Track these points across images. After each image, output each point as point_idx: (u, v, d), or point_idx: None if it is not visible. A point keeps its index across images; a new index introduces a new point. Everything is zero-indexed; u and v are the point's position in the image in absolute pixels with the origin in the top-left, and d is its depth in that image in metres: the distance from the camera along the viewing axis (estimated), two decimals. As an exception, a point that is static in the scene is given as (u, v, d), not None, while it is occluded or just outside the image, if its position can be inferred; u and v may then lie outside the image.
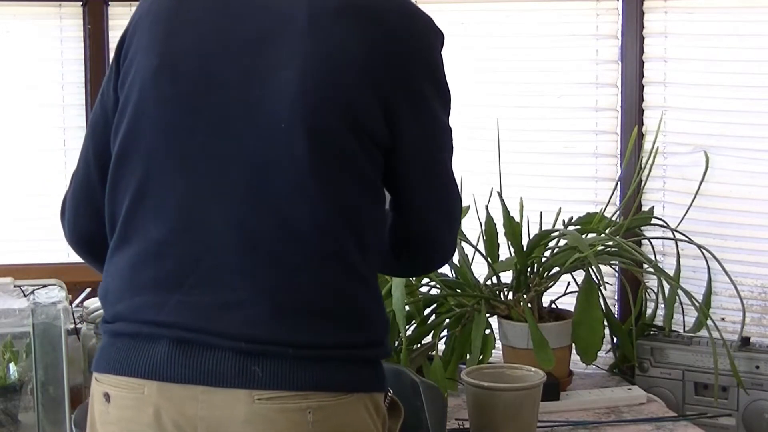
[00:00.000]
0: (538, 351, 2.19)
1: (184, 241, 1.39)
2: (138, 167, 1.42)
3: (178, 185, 1.40)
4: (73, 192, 1.56)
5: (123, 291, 1.43)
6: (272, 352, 1.35)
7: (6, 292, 2.08)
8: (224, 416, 1.35)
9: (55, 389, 2.01)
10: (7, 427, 2.03)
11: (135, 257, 1.42)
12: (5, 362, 2.03)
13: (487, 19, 2.75)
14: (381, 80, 1.39)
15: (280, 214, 1.37)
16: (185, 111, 1.41)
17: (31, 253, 2.86)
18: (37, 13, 2.87)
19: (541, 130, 2.74)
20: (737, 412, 2.31)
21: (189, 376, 1.36)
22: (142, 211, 1.42)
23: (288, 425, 1.34)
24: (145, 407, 1.37)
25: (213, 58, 1.41)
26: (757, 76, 2.50)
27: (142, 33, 1.46)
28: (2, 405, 2.02)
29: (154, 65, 1.42)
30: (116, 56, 1.50)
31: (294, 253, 1.37)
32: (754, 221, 2.52)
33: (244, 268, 1.37)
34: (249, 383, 1.34)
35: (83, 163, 1.54)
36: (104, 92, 1.51)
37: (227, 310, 1.37)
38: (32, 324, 1.98)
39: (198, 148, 1.40)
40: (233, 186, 1.38)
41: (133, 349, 1.39)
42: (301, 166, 1.36)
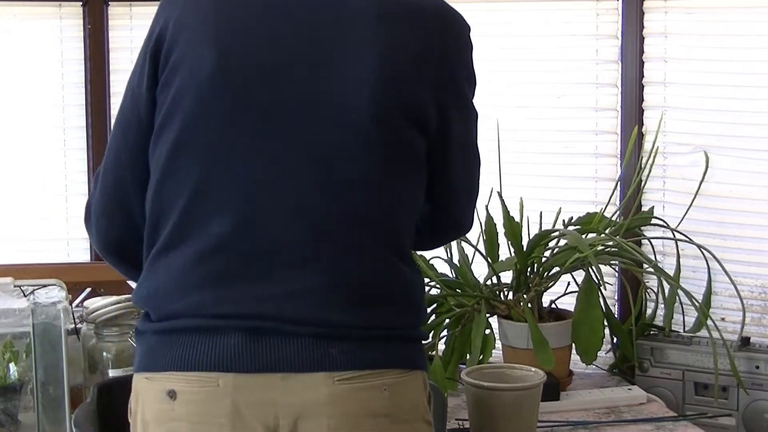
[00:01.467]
0: (538, 351, 2.19)
1: (249, 234, 1.40)
2: (195, 165, 1.42)
3: (242, 179, 1.41)
4: (102, 195, 1.53)
5: (180, 289, 1.41)
6: (346, 334, 1.40)
7: (6, 292, 2.08)
8: (305, 400, 1.37)
9: (55, 389, 2.00)
10: (7, 427, 2.03)
11: (194, 254, 1.41)
12: (5, 362, 2.03)
13: (487, 19, 2.75)
14: (434, 76, 1.46)
15: (348, 202, 1.42)
16: (247, 106, 1.42)
17: (31, 253, 2.86)
18: (37, 13, 2.87)
19: (541, 130, 2.74)
20: (737, 412, 2.31)
21: (266, 365, 1.37)
22: (202, 209, 1.41)
23: (367, 403, 1.40)
24: (220, 400, 1.37)
25: (275, 52, 1.42)
26: (757, 76, 2.50)
27: (189, 32, 1.43)
28: (2, 405, 2.02)
29: (211, 62, 1.41)
30: (152, 57, 1.46)
31: (361, 239, 1.43)
32: (754, 221, 2.52)
33: (312, 255, 1.41)
34: (328, 366, 1.38)
35: (112, 166, 1.51)
36: (135, 95, 1.49)
37: (298, 298, 1.39)
38: (32, 324, 1.98)
39: (262, 141, 1.41)
40: (300, 176, 1.41)
41: (200, 343, 1.39)
42: (370, 156, 1.42)
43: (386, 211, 1.45)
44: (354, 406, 1.39)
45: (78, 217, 2.90)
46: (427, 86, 1.46)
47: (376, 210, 1.44)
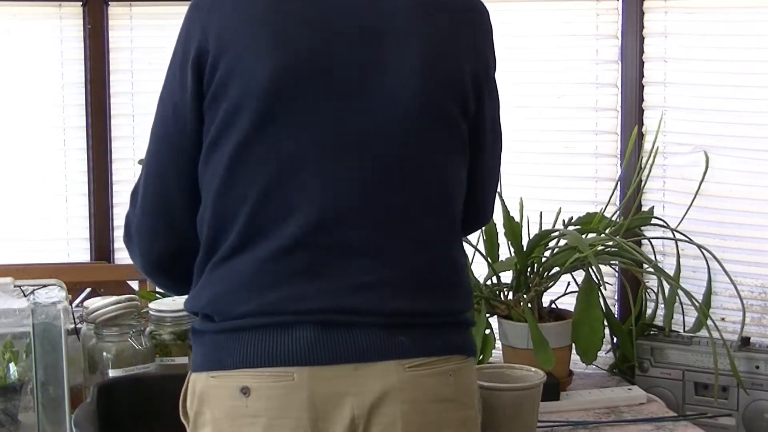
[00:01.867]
0: (538, 351, 2.19)
1: (320, 233, 1.42)
2: (258, 174, 1.42)
3: (309, 182, 1.42)
4: (145, 214, 1.52)
5: (249, 290, 1.42)
6: (415, 322, 1.43)
7: (6, 292, 2.08)
8: (377, 389, 1.40)
9: (55, 389, 2.00)
10: (7, 427, 2.03)
11: (264, 256, 1.41)
12: (5, 362, 2.02)
13: (487, 19, 2.75)
14: (472, 64, 1.52)
15: (415, 192, 1.46)
16: (307, 111, 1.43)
17: (31, 253, 2.87)
18: (37, 13, 2.87)
19: (541, 130, 2.74)
20: (737, 412, 2.31)
21: (340, 356, 1.39)
22: (268, 214, 1.42)
23: (435, 389, 1.43)
24: (297, 394, 1.38)
25: (328, 54, 1.43)
26: (757, 76, 2.50)
27: (238, 41, 1.42)
28: (2, 405, 2.02)
29: (267, 71, 1.41)
30: (195, 69, 1.44)
31: (428, 227, 1.47)
32: (754, 221, 2.52)
33: (382, 246, 1.44)
34: (398, 353, 1.41)
35: (156, 182, 1.50)
36: (178, 107, 1.46)
37: (370, 289, 1.42)
38: (32, 324, 1.98)
39: (325, 142, 1.43)
40: (366, 171, 1.44)
41: (273, 339, 1.40)
42: (432, 146, 1.47)
43: (448, 198, 1.50)
44: (423, 392, 1.42)
45: (78, 217, 2.94)
46: (467, 71, 1.50)
47: (440, 198, 1.49)
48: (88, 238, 2.95)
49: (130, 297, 2.10)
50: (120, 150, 2.93)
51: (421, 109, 1.46)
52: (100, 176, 2.92)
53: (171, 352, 2.09)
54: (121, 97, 2.90)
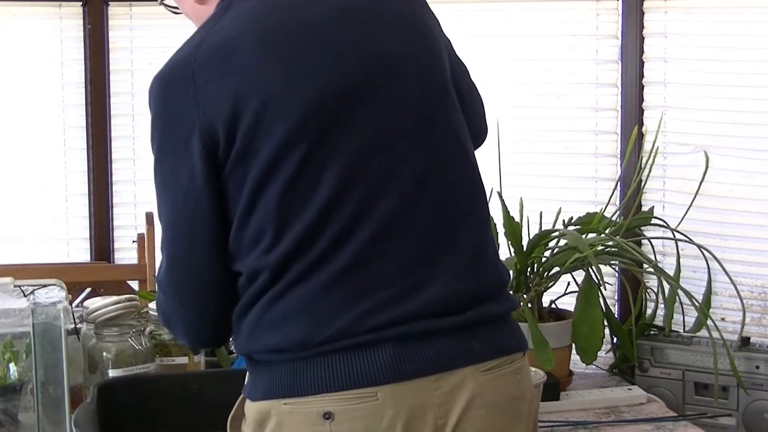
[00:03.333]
0: (538, 351, 2.19)
1: (378, 245, 1.41)
2: (311, 203, 1.39)
3: (364, 197, 1.41)
4: (183, 304, 1.49)
5: (321, 319, 1.39)
6: (483, 321, 1.44)
7: (6, 292, 2.07)
8: (458, 397, 1.40)
9: (55, 389, 2.00)
10: (7, 427, 2.03)
11: (329, 281, 1.39)
12: (5, 362, 2.02)
13: (487, 19, 2.75)
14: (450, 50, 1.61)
15: (469, 192, 1.50)
16: (351, 130, 1.41)
17: (31, 253, 2.87)
18: (37, 13, 2.87)
19: (541, 130, 2.74)
20: (737, 412, 2.31)
21: (420, 369, 1.39)
22: (327, 237, 1.40)
23: (508, 389, 1.45)
24: (382, 413, 1.37)
25: (353, 71, 1.43)
26: (757, 76, 2.50)
27: (253, 95, 1.38)
28: (2, 405, 2.02)
29: (302, 103, 1.39)
30: (201, 145, 1.38)
31: (479, 227, 1.51)
32: (754, 221, 2.52)
33: (443, 252, 1.44)
34: (473, 359, 1.42)
35: (184, 267, 1.46)
36: (188, 192, 1.42)
37: (437, 294, 1.42)
38: (32, 324, 1.98)
39: (372, 152, 1.42)
40: (413, 177, 1.43)
41: (352, 361, 1.38)
42: (455, 131, 1.51)
43: (480, 187, 1.55)
44: (499, 394, 1.44)
45: (78, 217, 2.94)
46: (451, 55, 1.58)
47: (481, 192, 1.55)
48: (88, 238, 2.95)
49: (130, 297, 2.10)
50: (120, 150, 2.93)
51: (442, 106, 1.49)
52: (100, 176, 2.92)
53: (171, 352, 2.09)
54: (121, 97, 2.90)
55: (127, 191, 2.94)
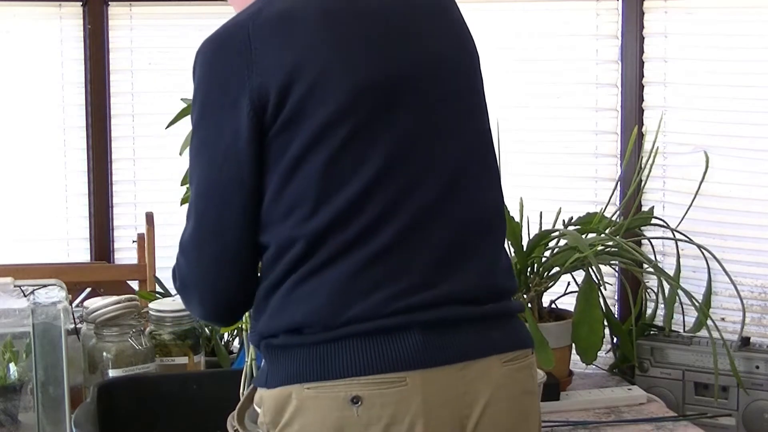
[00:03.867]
0: (538, 351, 2.18)
1: (417, 237, 1.42)
2: (354, 182, 1.40)
3: (405, 182, 1.43)
4: (205, 268, 1.47)
5: (347, 299, 1.39)
6: (499, 316, 1.47)
7: (6, 292, 2.08)
8: (482, 386, 1.41)
9: (55, 389, 2.00)
10: (7, 427, 2.03)
11: (362, 261, 1.40)
12: (5, 362, 2.02)
13: (487, 19, 2.75)
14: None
15: (494, 198, 1.53)
16: (397, 116, 1.43)
17: (31, 253, 2.87)
18: (37, 13, 2.87)
19: (541, 130, 2.74)
20: (737, 412, 2.31)
21: (449, 357, 1.40)
22: (369, 215, 1.41)
23: (524, 382, 1.48)
24: (412, 399, 1.37)
25: (397, 54, 1.45)
26: (757, 76, 2.50)
27: (309, 65, 1.39)
28: (2, 405, 2.02)
29: (354, 83, 1.41)
30: (255, 110, 1.40)
31: (501, 233, 1.54)
32: (754, 221, 2.52)
33: (470, 250, 1.46)
34: (495, 349, 1.44)
35: (213, 235, 1.45)
36: (230, 154, 1.42)
37: (462, 285, 1.44)
38: (32, 324, 1.98)
39: (416, 140, 1.44)
40: (450, 165, 1.46)
41: (382, 344, 1.38)
42: (484, 124, 1.57)
43: (498, 180, 1.57)
44: (519, 386, 1.46)
45: (78, 217, 2.94)
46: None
47: (500, 191, 1.57)
48: (88, 238, 2.95)
49: (130, 297, 2.10)
50: (120, 150, 2.93)
51: (478, 110, 1.55)
52: (100, 176, 2.92)
53: (171, 352, 2.09)
54: (121, 97, 2.90)
55: (127, 191, 2.94)
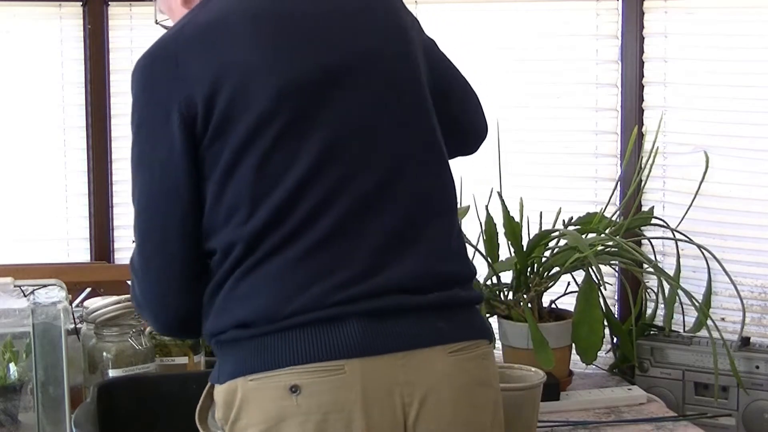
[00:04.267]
0: (538, 351, 2.19)
1: (355, 228, 1.44)
2: (286, 177, 1.43)
3: (338, 172, 1.44)
4: (153, 284, 1.51)
5: (292, 291, 1.41)
6: (446, 305, 1.46)
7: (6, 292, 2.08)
8: (425, 376, 1.41)
9: (55, 389, 2.00)
10: (7, 427, 2.03)
11: (299, 255, 1.42)
12: (5, 362, 2.02)
13: (487, 19, 2.75)
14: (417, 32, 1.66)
15: (439, 184, 1.53)
16: (328, 108, 1.45)
17: (31, 253, 2.86)
18: (37, 13, 2.87)
19: (541, 130, 2.74)
20: (737, 412, 2.31)
21: (389, 346, 1.40)
22: (302, 210, 1.43)
23: (474, 372, 1.46)
24: (350, 387, 1.38)
25: (328, 54, 1.47)
26: (757, 76, 2.50)
27: (233, 72, 1.43)
28: (2, 405, 2.02)
29: (274, 92, 1.43)
30: (180, 119, 1.44)
31: (449, 219, 1.53)
32: (754, 221, 2.52)
33: (414, 236, 1.46)
34: (441, 339, 1.43)
35: (160, 246, 1.49)
36: (166, 165, 1.47)
37: (405, 273, 1.44)
38: (32, 324, 1.98)
39: (351, 131, 1.46)
40: (387, 155, 1.47)
41: (321, 334, 1.39)
42: (425, 111, 1.55)
43: (445, 164, 1.58)
44: (467, 377, 1.45)
45: (78, 217, 2.94)
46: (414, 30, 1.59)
47: (449, 177, 1.57)
48: (88, 238, 2.94)
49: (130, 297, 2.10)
50: (120, 150, 2.92)
51: (415, 104, 1.52)
52: (100, 176, 2.91)
53: (171, 352, 2.10)
54: (121, 97, 2.90)
55: (127, 191, 2.90)
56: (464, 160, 2.70)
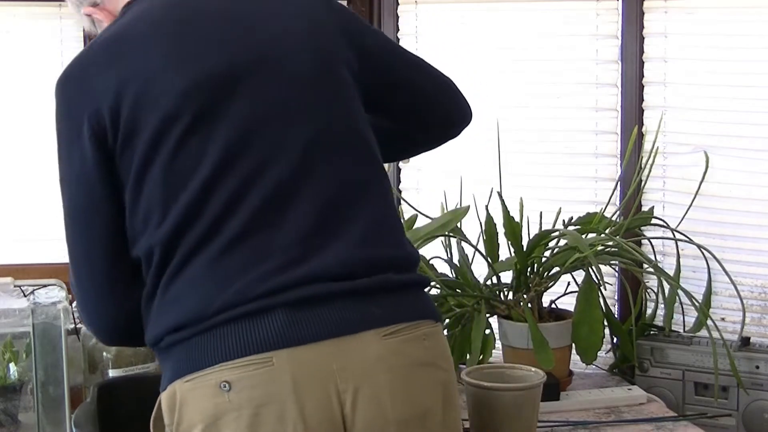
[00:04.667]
0: (538, 351, 2.19)
1: (273, 219, 1.44)
2: (198, 175, 1.44)
3: (247, 167, 1.44)
4: (86, 289, 1.53)
5: (213, 290, 1.42)
6: (380, 289, 1.45)
7: (6, 292, 2.08)
8: (358, 361, 1.40)
9: (55, 389, 2.00)
10: (7, 427, 2.03)
11: (218, 252, 1.43)
12: (5, 362, 2.03)
13: (487, 19, 2.75)
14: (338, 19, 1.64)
15: (363, 168, 1.51)
16: (230, 107, 1.46)
17: (31, 253, 2.86)
18: (37, 13, 2.87)
19: (541, 130, 2.74)
20: (737, 412, 2.31)
21: (316, 333, 1.40)
22: (214, 208, 1.43)
23: (414, 354, 1.45)
24: (279, 378, 1.38)
25: (228, 52, 1.48)
26: (757, 76, 2.50)
27: (132, 84, 1.46)
28: (2, 405, 2.02)
29: (180, 88, 1.45)
30: (94, 136, 1.49)
31: (378, 202, 1.52)
32: (754, 221, 2.52)
33: (339, 221, 1.46)
34: (373, 323, 1.42)
35: (87, 260, 1.52)
36: (81, 178, 1.52)
37: (331, 260, 1.43)
38: (32, 324, 1.98)
39: (256, 127, 1.46)
40: (297, 149, 1.47)
41: (245, 328, 1.39)
42: (343, 104, 1.55)
43: (369, 143, 1.54)
44: (403, 358, 1.43)
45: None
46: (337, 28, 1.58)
47: (378, 164, 1.55)
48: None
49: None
50: (120, 150, 2.93)
51: (329, 90, 1.52)
52: (100, 176, 2.91)
53: (171, 352, 2.09)
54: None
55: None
56: (465, 160, 2.71)
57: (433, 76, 1.71)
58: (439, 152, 2.81)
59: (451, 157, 2.68)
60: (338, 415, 1.39)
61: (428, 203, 2.55)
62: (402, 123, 1.71)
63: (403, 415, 1.42)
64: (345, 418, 1.40)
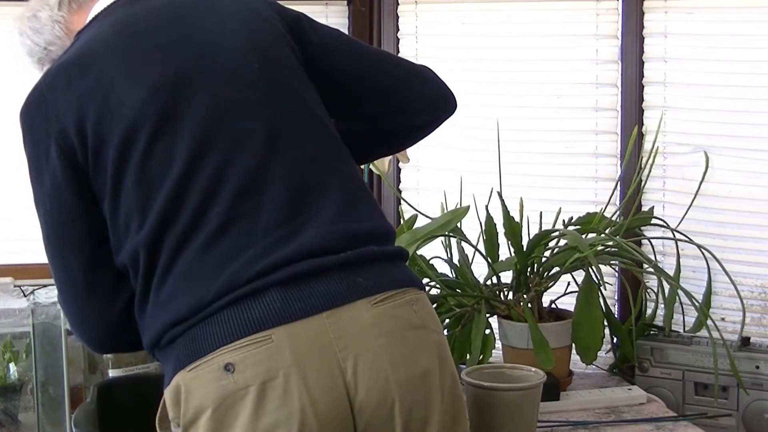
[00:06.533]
0: (538, 351, 2.19)
1: (250, 206, 1.48)
2: (170, 175, 1.48)
3: (216, 163, 1.49)
4: (68, 301, 1.57)
5: (201, 285, 1.45)
6: (362, 261, 1.49)
7: (6, 292, 2.08)
8: (354, 328, 1.45)
9: (55, 389, 2.01)
10: (7, 427, 2.03)
11: (203, 245, 1.46)
12: (5, 362, 2.03)
13: (487, 19, 2.75)
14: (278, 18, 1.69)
15: (325, 148, 1.56)
16: (187, 117, 1.51)
17: (31, 253, 2.86)
18: (37, 13, 2.86)
19: (541, 130, 2.74)
20: (737, 412, 2.31)
21: (310, 307, 1.44)
22: (191, 204, 1.47)
23: (405, 317, 1.49)
24: (280, 353, 1.41)
25: (185, 57, 1.54)
26: (757, 76, 2.50)
27: (92, 101, 1.51)
28: (2, 405, 2.02)
29: (139, 99, 1.50)
30: (59, 151, 1.53)
31: (346, 179, 1.56)
32: (754, 221, 2.52)
33: (313, 200, 1.50)
34: (361, 293, 1.47)
35: (65, 272, 1.56)
36: (54, 195, 1.54)
37: (312, 237, 1.48)
38: (32, 324, 1.99)
39: (228, 126, 1.51)
40: (263, 136, 1.51)
41: (242, 311, 1.43)
42: (299, 92, 1.59)
43: (325, 125, 1.59)
44: (396, 323, 1.48)
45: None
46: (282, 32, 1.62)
47: (339, 144, 1.59)
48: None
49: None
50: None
51: (281, 79, 1.56)
52: (100, 176, 2.92)
53: (171, 352, 2.09)
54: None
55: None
56: (465, 160, 2.71)
57: (401, 64, 1.76)
58: (439, 152, 2.82)
59: (451, 157, 2.68)
60: (341, 382, 1.43)
61: (428, 203, 2.55)
62: (380, 115, 1.75)
63: (404, 376, 1.46)
64: (348, 384, 1.43)
